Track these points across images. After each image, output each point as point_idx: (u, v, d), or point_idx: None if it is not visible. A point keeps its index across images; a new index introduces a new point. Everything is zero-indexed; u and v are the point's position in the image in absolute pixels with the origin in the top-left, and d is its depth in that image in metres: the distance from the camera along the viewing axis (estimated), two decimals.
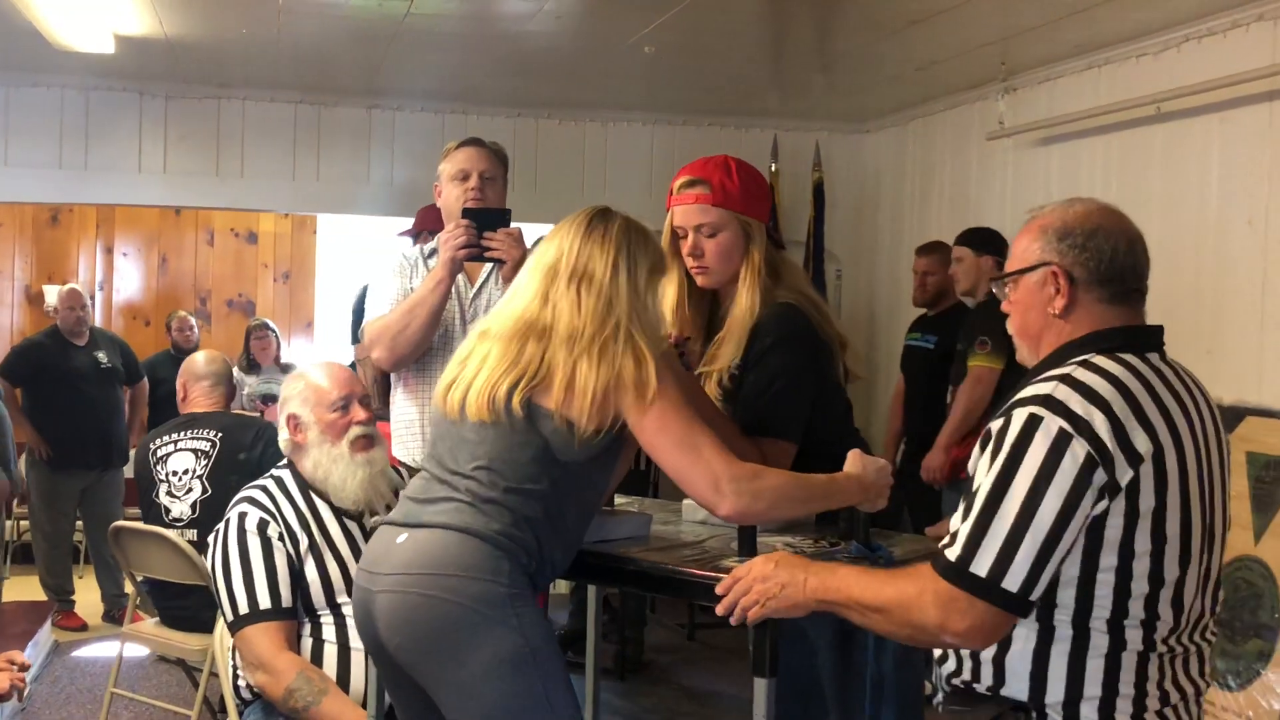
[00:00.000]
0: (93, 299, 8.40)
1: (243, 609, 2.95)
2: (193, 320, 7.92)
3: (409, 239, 5.28)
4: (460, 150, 3.61)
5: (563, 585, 6.18)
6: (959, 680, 2.00)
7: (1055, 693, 1.89)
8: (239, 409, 6.38)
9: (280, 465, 3.19)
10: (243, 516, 3.04)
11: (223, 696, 3.38)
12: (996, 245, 5.21)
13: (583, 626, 3.82)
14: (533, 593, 2.33)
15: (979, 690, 1.96)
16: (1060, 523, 1.82)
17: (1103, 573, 1.86)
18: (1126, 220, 2.03)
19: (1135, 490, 1.84)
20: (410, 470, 3.33)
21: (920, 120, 6.73)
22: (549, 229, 2.52)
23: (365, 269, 6.23)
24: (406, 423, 3.58)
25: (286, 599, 2.97)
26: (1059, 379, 1.90)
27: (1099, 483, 1.83)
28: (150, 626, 4.43)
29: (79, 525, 6.83)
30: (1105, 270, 1.98)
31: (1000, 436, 1.89)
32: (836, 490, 2.42)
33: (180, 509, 4.30)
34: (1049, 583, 1.85)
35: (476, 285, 3.58)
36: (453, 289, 3.46)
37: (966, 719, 1.98)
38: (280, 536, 3.01)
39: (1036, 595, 1.85)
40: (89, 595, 6.68)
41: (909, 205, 6.86)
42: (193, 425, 4.43)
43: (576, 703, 2.34)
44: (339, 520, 3.08)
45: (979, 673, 1.96)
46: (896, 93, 6.46)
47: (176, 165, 6.67)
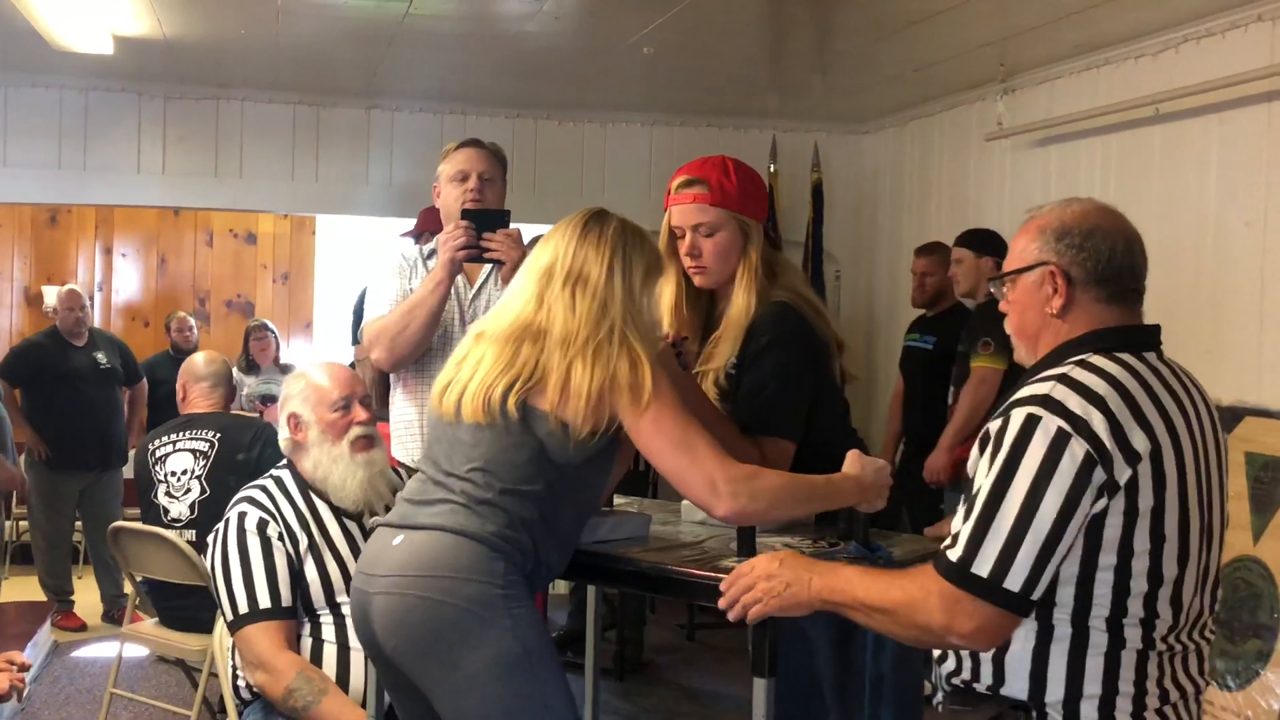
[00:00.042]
0: (92, 300, 8.39)
1: (242, 608, 2.95)
2: (192, 321, 7.91)
3: (410, 240, 5.28)
4: (459, 151, 3.61)
5: (562, 585, 6.18)
6: (959, 680, 2.00)
7: (1055, 691, 1.90)
8: (238, 409, 6.38)
9: (280, 465, 3.19)
10: (242, 516, 3.04)
11: (222, 697, 3.38)
12: (996, 246, 5.20)
13: (582, 627, 3.83)
14: (529, 594, 2.33)
15: (979, 689, 1.96)
16: (1060, 522, 1.82)
17: (1102, 571, 1.86)
18: (1124, 220, 2.04)
19: (1134, 489, 1.85)
20: (409, 471, 3.32)
21: (919, 121, 6.73)
22: (548, 230, 2.52)
23: (364, 270, 6.22)
24: (406, 423, 3.58)
25: (286, 598, 2.97)
26: (1057, 379, 1.90)
27: (1098, 481, 1.83)
28: (149, 627, 4.44)
29: (78, 525, 6.83)
30: (1103, 270, 1.98)
31: (999, 437, 1.89)
32: (835, 491, 2.41)
33: (179, 509, 4.30)
34: (1049, 582, 1.86)
35: (476, 286, 3.58)
36: (452, 290, 3.47)
37: (966, 718, 1.97)
38: (280, 536, 3.01)
39: (1038, 594, 1.85)
40: (88, 595, 6.68)
41: (908, 206, 6.86)
42: (191, 426, 4.43)
43: (573, 703, 2.34)
44: (338, 520, 3.09)
45: (978, 672, 1.96)
46: (895, 93, 6.46)
47: (175, 166, 6.67)
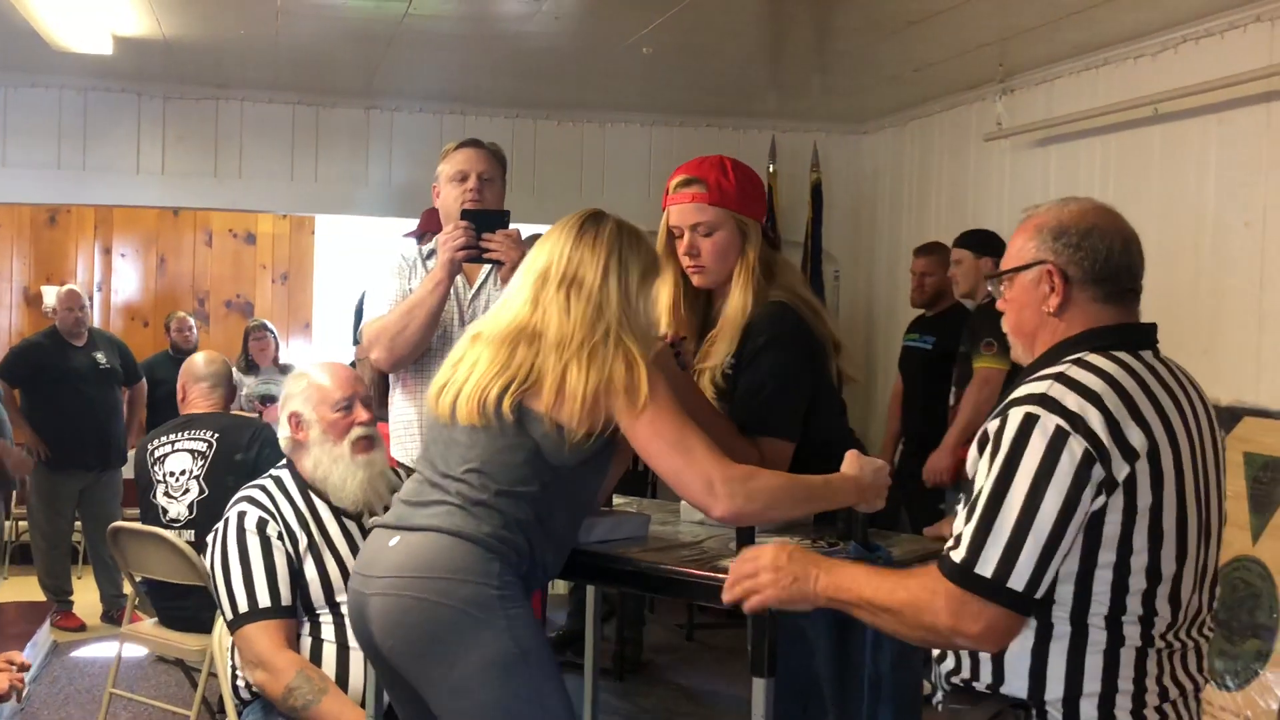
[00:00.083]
0: (91, 300, 8.39)
1: (242, 607, 2.95)
2: (192, 321, 7.91)
3: (413, 240, 5.27)
4: (458, 151, 3.61)
5: (561, 585, 6.18)
6: (958, 678, 2.00)
7: (1055, 690, 1.90)
8: (237, 410, 6.38)
9: (279, 465, 3.19)
10: (242, 515, 3.04)
11: (221, 697, 3.38)
12: (995, 247, 5.19)
13: (581, 627, 3.83)
14: (524, 594, 2.34)
15: (978, 688, 1.96)
16: (1062, 520, 1.82)
17: (1100, 569, 1.86)
18: (1121, 220, 2.04)
19: (1132, 486, 1.85)
20: (408, 471, 3.33)
21: (918, 121, 6.74)
22: (547, 230, 2.53)
23: (363, 270, 6.22)
24: (405, 423, 3.58)
25: (286, 597, 2.97)
26: (1054, 377, 1.90)
27: (1097, 478, 1.83)
28: (149, 627, 4.44)
29: (78, 526, 6.83)
30: (1100, 269, 1.98)
31: (998, 437, 1.89)
32: (833, 491, 2.41)
33: (177, 509, 4.30)
34: (1052, 580, 1.85)
35: (475, 286, 3.58)
36: (451, 290, 3.47)
37: (965, 717, 1.97)
38: (279, 535, 3.01)
39: (1042, 593, 1.85)
40: (88, 596, 6.68)
41: (907, 206, 6.86)
42: (190, 426, 4.44)
43: (570, 703, 2.34)
44: (338, 520, 3.09)
45: (978, 671, 1.96)
46: (894, 93, 6.46)
47: (175, 166, 6.67)
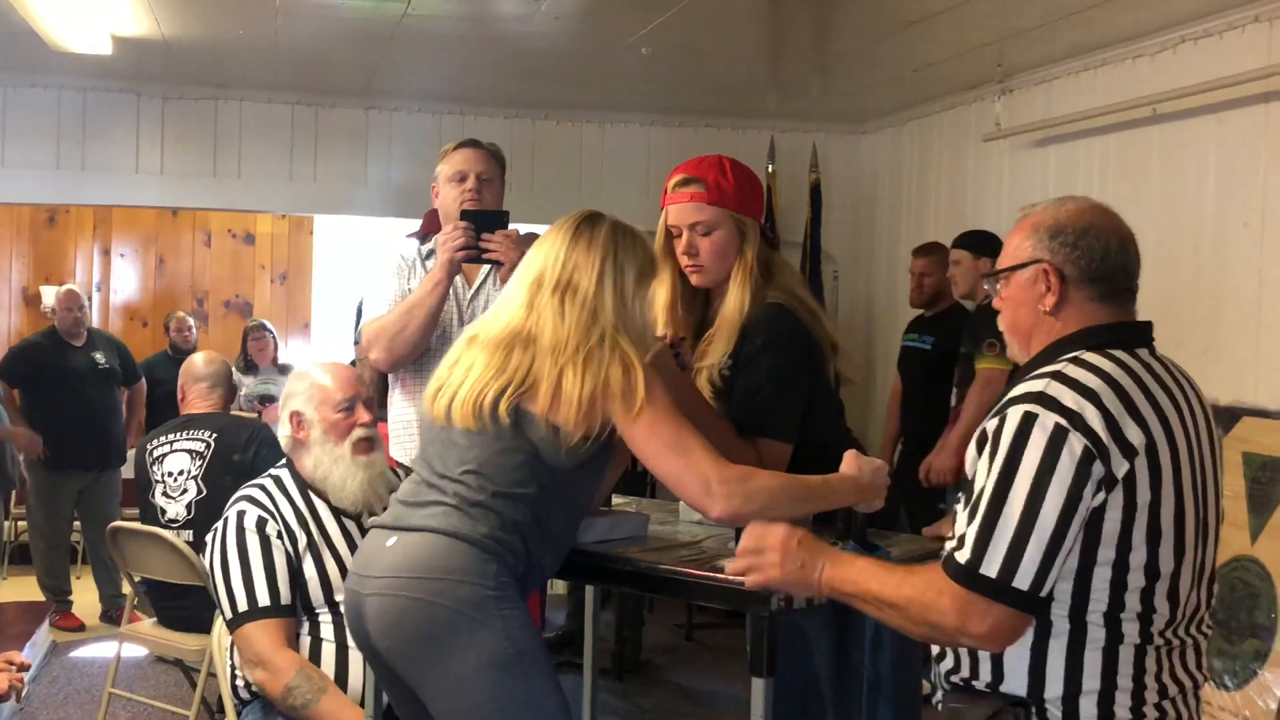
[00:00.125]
0: (90, 300, 8.39)
1: (241, 606, 2.95)
2: (191, 321, 7.90)
3: (416, 240, 5.27)
4: (457, 151, 3.61)
5: (559, 586, 6.17)
6: (957, 678, 2.00)
7: (1054, 688, 1.90)
8: (237, 410, 6.38)
9: (279, 465, 3.19)
10: (241, 514, 3.04)
11: (220, 697, 3.38)
12: (994, 248, 5.18)
13: (580, 626, 3.83)
14: (521, 595, 2.34)
15: (977, 687, 1.96)
16: (1064, 518, 1.82)
17: (1099, 566, 1.86)
18: (1118, 219, 2.04)
19: (1132, 483, 1.85)
20: (407, 471, 3.32)
21: (917, 121, 6.74)
22: (546, 230, 2.53)
23: (362, 270, 6.21)
24: (404, 423, 3.58)
25: (285, 596, 2.97)
26: (1051, 376, 1.91)
27: (1097, 475, 1.83)
28: (148, 627, 4.44)
29: (77, 526, 6.83)
30: (1096, 269, 1.99)
31: (996, 436, 1.89)
32: (831, 491, 2.41)
33: (176, 510, 4.30)
34: (1056, 577, 1.86)
35: (474, 287, 3.58)
36: (450, 290, 3.47)
37: (965, 716, 1.97)
38: (279, 534, 3.01)
39: (1046, 591, 1.85)
40: (87, 596, 6.68)
41: (906, 206, 6.87)
42: (189, 426, 4.44)
43: (566, 704, 2.34)
44: (337, 519, 3.09)
45: (977, 669, 1.96)
46: (893, 94, 6.46)
47: (174, 166, 6.67)
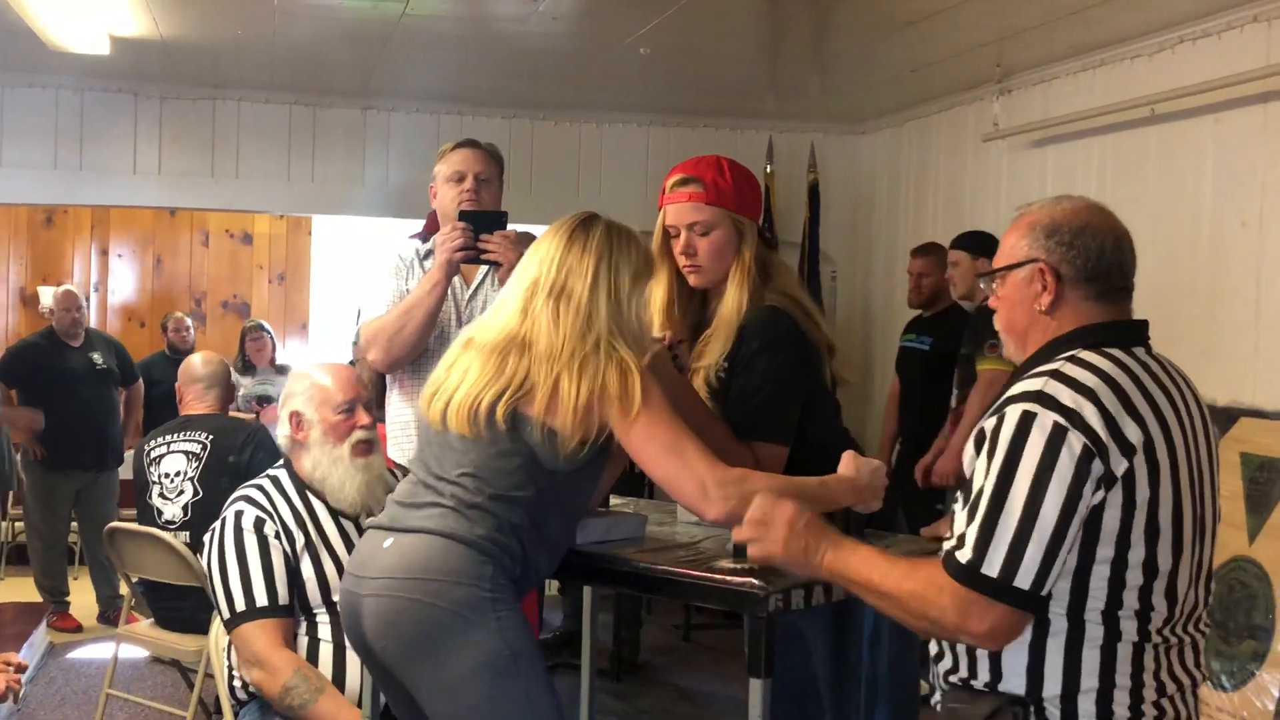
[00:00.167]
0: (88, 300, 8.38)
1: (239, 606, 2.95)
2: (189, 321, 7.90)
3: (418, 241, 5.26)
4: (455, 152, 3.61)
5: (552, 587, 6.17)
6: (956, 677, 2.00)
7: (1052, 686, 1.89)
8: (235, 410, 6.37)
9: (277, 465, 3.19)
10: (239, 514, 3.04)
11: (218, 697, 3.37)
12: (993, 249, 5.10)
13: (578, 627, 3.82)
14: (516, 597, 2.35)
15: (976, 686, 1.95)
16: (1064, 516, 1.82)
17: (1098, 564, 1.86)
18: (1114, 218, 2.04)
19: (1130, 481, 1.85)
20: (405, 472, 3.32)
21: (915, 121, 6.74)
22: (543, 230, 2.53)
23: (360, 270, 6.21)
24: (402, 424, 3.58)
25: (283, 596, 2.97)
26: (1048, 374, 1.91)
27: (1096, 473, 1.83)
28: (145, 628, 4.43)
29: (74, 526, 6.82)
30: (1092, 268, 1.99)
31: (995, 435, 1.89)
32: (829, 492, 2.41)
33: (172, 511, 4.29)
34: (1057, 576, 1.85)
35: (472, 287, 3.58)
36: (449, 291, 3.47)
37: (963, 715, 1.97)
38: (277, 534, 3.01)
39: (1047, 590, 1.85)
40: (84, 596, 6.67)
41: (904, 206, 6.87)
42: (186, 428, 4.44)
43: (559, 705, 2.35)
44: (335, 520, 3.08)
45: (975, 669, 1.95)
46: (892, 94, 6.46)
47: (171, 166, 6.67)
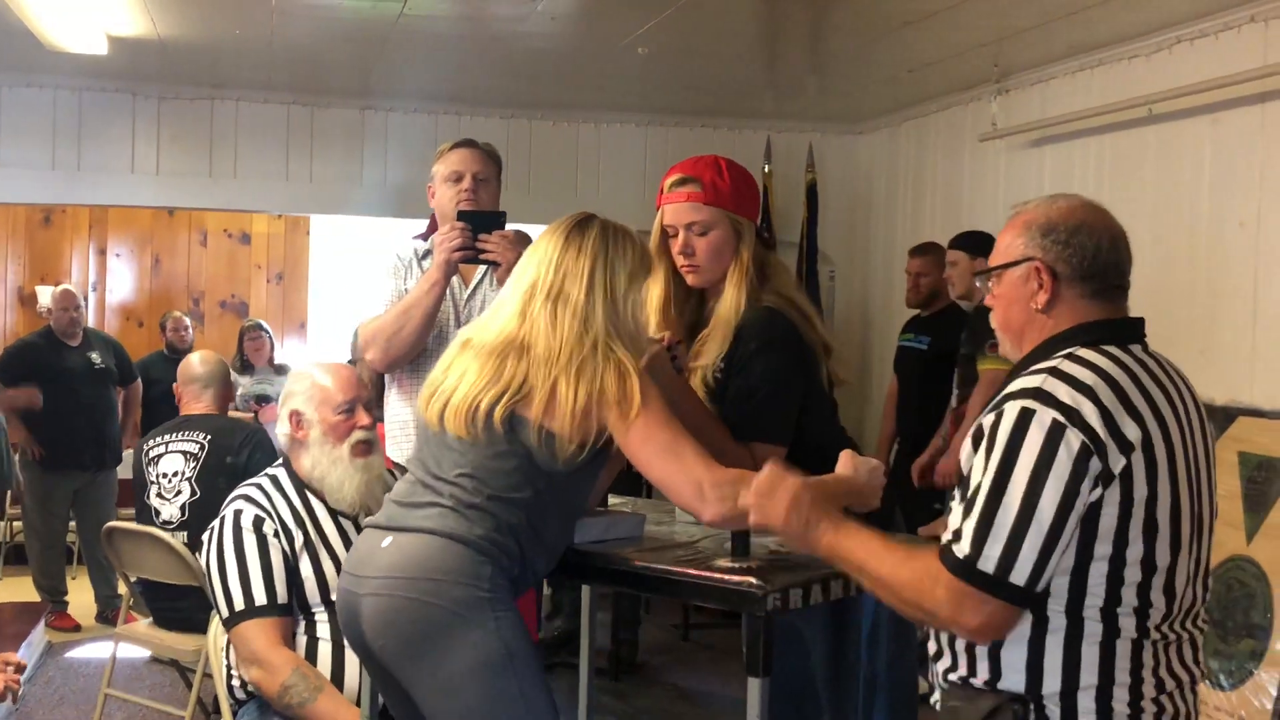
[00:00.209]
0: (86, 300, 8.39)
1: (238, 605, 2.96)
2: (187, 321, 7.90)
3: (421, 241, 5.26)
4: (454, 151, 3.61)
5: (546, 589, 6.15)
6: (955, 676, 2.00)
7: (1052, 683, 1.89)
8: (233, 410, 6.37)
9: (276, 464, 3.20)
10: (238, 513, 3.04)
11: (216, 697, 3.38)
12: (990, 248, 5.13)
13: (576, 627, 3.83)
14: (513, 597, 2.35)
15: (975, 684, 1.96)
16: (1062, 513, 1.83)
17: (1096, 561, 1.86)
18: (1109, 217, 2.05)
19: (1129, 478, 1.85)
20: (404, 471, 3.32)
21: (913, 121, 6.74)
22: (542, 230, 2.53)
23: (358, 270, 6.21)
24: (401, 424, 3.58)
25: (282, 595, 2.97)
26: (1047, 372, 1.91)
27: (1094, 471, 1.83)
28: (144, 627, 4.43)
29: (72, 526, 6.82)
30: (1088, 266, 1.99)
31: (993, 432, 1.89)
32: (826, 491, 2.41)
33: (170, 511, 4.29)
34: (1052, 573, 1.86)
35: (471, 287, 3.58)
36: (447, 290, 3.47)
37: (962, 714, 1.97)
38: (275, 533, 3.01)
39: (1042, 586, 1.85)
40: (82, 596, 6.67)
41: (902, 206, 6.87)
42: (184, 428, 4.44)
43: (554, 705, 2.36)
44: (334, 519, 3.09)
45: (975, 667, 1.95)
46: (889, 94, 6.47)
47: (169, 166, 6.67)
